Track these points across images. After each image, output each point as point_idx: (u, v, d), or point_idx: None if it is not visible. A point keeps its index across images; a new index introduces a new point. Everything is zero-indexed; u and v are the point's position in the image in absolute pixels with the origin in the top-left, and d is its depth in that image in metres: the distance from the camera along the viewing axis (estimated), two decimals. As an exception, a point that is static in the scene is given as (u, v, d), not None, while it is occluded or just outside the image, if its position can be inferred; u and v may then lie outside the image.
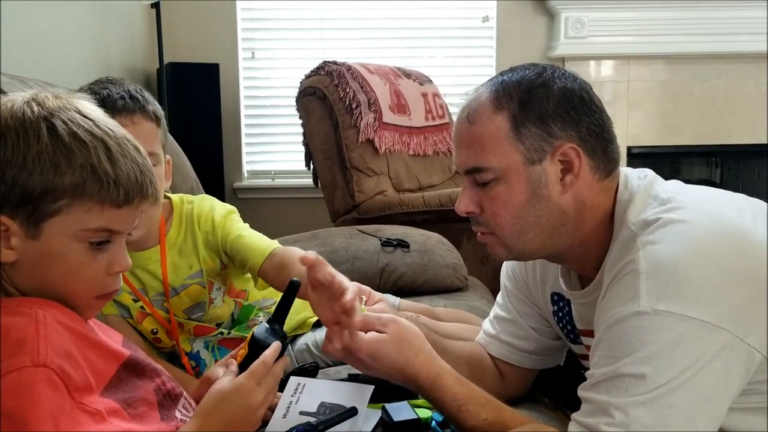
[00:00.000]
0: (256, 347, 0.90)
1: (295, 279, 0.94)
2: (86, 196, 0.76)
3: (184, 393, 0.91)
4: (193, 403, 0.91)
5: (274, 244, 1.29)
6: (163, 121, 1.27)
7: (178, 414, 0.87)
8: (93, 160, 0.76)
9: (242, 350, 0.92)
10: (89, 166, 0.76)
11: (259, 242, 1.28)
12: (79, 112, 0.79)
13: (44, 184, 0.74)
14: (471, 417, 0.96)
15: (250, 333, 0.91)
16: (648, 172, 1.04)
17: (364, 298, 1.10)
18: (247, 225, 1.35)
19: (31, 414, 0.68)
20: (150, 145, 1.14)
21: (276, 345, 0.90)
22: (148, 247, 1.26)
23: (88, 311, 0.83)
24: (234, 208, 1.38)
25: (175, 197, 1.33)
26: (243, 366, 0.88)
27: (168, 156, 1.29)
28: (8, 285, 0.78)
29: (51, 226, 0.76)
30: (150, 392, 0.84)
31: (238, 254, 1.28)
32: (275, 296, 1.46)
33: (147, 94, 1.23)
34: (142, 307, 1.28)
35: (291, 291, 0.94)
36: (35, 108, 0.77)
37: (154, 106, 1.24)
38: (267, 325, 0.93)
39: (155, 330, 1.30)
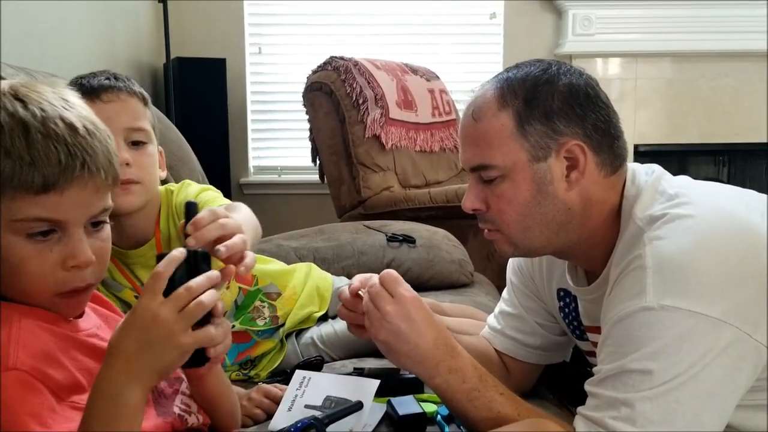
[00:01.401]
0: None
1: (192, 201, 0.83)
2: (3, 182, 0.70)
3: (182, 387, 0.89)
4: (192, 401, 0.90)
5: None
6: (151, 106, 1.27)
7: (176, 409, 0.85)
8: (6, 143, 0.70)
9: None
10: (3, 150, 0.70)
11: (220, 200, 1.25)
12: (15, 96, 0.73)
13: None
14: (490, 388, 0.96)
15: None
16: (656, 168, 1.03)
17: None
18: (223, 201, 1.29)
19: (6, 417, 0.66)
20: (138, 121, 1.18)
21: (213, 275, 0.76)
22: (142, 243, 1.24)
23: (63, 310, 0.78)
24: (211, 187, 1.34)
25: (161, 188, 1.30)
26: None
27: (160, 147, 1.28)
28: None
29: None
30: None
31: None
32: (279, 282, 1.45)
33: (133, 81, 1.25)
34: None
35: (189, 211, 0.81)
36: None
37: (141, 89, 1.25)
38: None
39: None
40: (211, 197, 1.28)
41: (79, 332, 0.78)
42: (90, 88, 1.15)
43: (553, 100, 0.96)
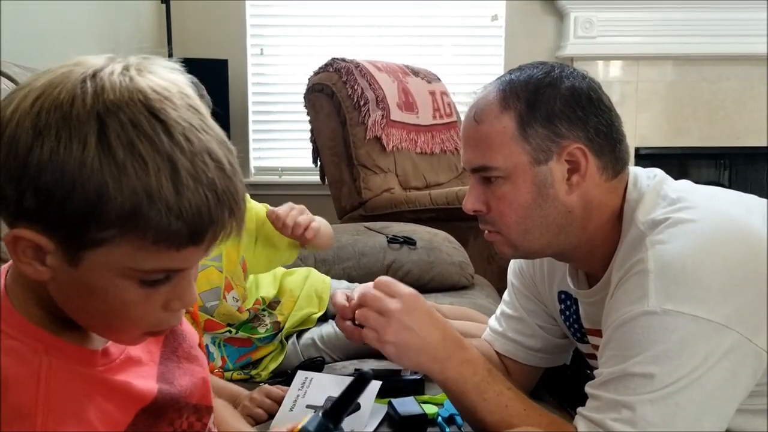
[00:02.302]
0: None
1: (365, 371, 0.75)
2: (139, 230, 0.57)
3: (210, 422, 0.80)
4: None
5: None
6: None
7: None
8: (152, 186, 0.57)
9: None
10: (145, 193, 0.56)
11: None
12: (149, 109, 0.58)
13: (85, 208, 0.56)
14: (499, 381, 0.97)
15: (299, 425, 0.74)
16: (657, 172, 1.04)
17: None
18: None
19: None
20: None
21: None
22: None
23: (129, 342, 0.70)
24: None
25: None
26: None
27: None
28: (44, 292, 0.64)
29: (93, 256, 0.59)
30: None
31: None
32: (278, 287, 1.46)
33: None
34: None
35: (359, 385, 0.75)
36: (89, 97, 0.58)
37: None
38: (321, 419, 0.74)
39: None
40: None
41: (112, 363, 0.68)
42: None
43: (555, 103, 0.96)
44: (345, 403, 0.74)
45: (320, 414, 0.74)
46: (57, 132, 0.57)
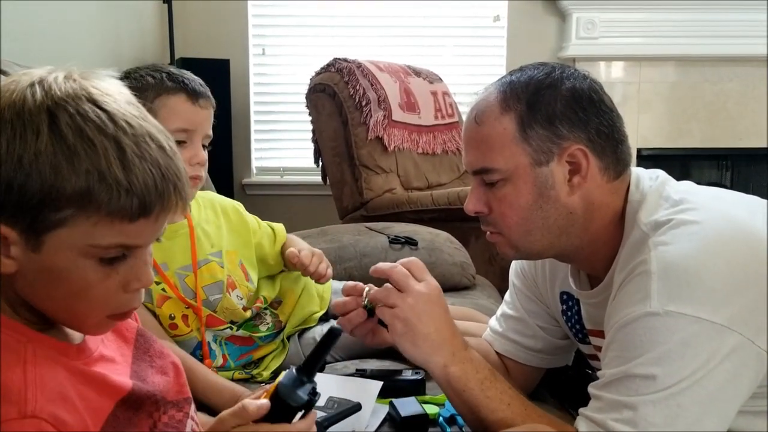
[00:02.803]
0: (280, 403, 0.76)
1: (335, 326, 0.81)
2: (93, 207, 0.64)
3: (191, 411, 0.83)
4: (196, 423, 0.84)
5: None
6: None
7: None
8: (101, 165, 0.63)
9: (267, 393, 0.79)
10: (96, 172, 0.63)
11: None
12: (93, 102, 0.65)
13: (43, 191, 0.62)
14: (501, 381, 0.98)
15: (276, 381, 0.78)
16: (660, 173, 1.03)
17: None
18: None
19: None
20: (209, 129, 1.28)
21: (311, 416, 0.77)
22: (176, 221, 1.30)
23: (97, 330, 0.73)
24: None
25: None
26: (265, 418, 0.76)
27: None
28: (11, 293, 0.68)
29: (53, 238, 0.64)
30: (146, 431, 0.75)
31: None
32: (283, 296, 1.47)
33: None
34: (163, 289, 1.27)
35: (330, 339, 0.80)
36: (38, 94, 0.64)
37: None
38: (295, 374, 0.78)
39: (173, 315, 1.29)
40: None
41: (88, 358, 0.72)
42: (192, 91, 1.23)
43: (556, 104, 0.96)
44: (317, 357, 0.79)
45: (294, 370, 0.79)
46: (12, 126, 0.63)
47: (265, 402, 0.75)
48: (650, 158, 3.66)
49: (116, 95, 0.68)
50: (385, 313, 0.98)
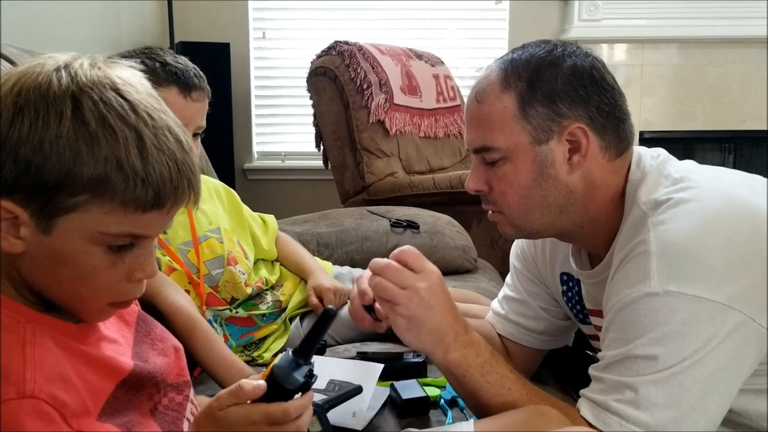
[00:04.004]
0: (275, 385, 0.75)
1: (330, 307, 0.80)
2: (108, 194, 0.64)
3: (191, 394, 0.84)
4: (195, 407, 0.85)
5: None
6: None
7: (185, 425, 0.80)
8: (120, 153, 0.64)
9: (263, 375, 0.78)
10: (115, 160, 0.64)
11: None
12: (116, 91, 0.66)
13: (60, 175, 0.63)
14: (502, 363, 0.96)
15: (271, 363, 0.78)
16: (661, 152, 1.03)
17: None
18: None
19: None
20: (202, 120, 1.26)
21: (307, 397, 0.77)
22: None
23: (97, 316, 0.74)
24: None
25: None
26: (261, 399, 0.76)
27: None
28: (14, 273, 0.69)
29: (65, 222, 0.65)
30: (146, 412, 0.76)
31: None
32: (284, 280, 1.48)
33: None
34: (169, 261, 1.27)
35: (325, 320, 0.79)
36: (64, 79, 0.65)
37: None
38: (291, 357, 0.78)
39: None
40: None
41: (89, 338, 0.73)
42: (185, 84, 1.22)
43: (556, 83, 0.95)
44: (313, 340, 0.79)
45: (290, 352, 0.78)
46: (36, 108, 0.64)
47: (261, 383, 0.75)
48: (653, 141, 3.64)
49: (138, 86, 0.69)
50: (386, 309, 0.95)
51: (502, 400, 0.93)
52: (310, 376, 0.78)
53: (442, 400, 1.10)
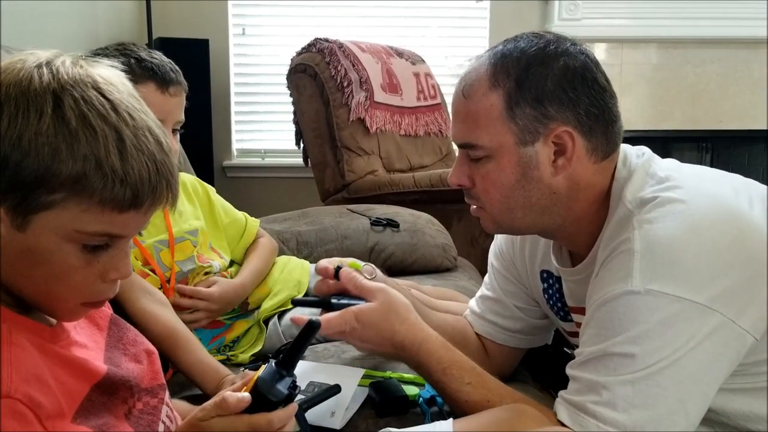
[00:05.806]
0: (260, 397, 0.76)
1: (313, 319, 0.81)
2: (86, 193, 0.64)
3: (166, 397, 0.84)
4: (171, 409, 0.85)
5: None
6: None
7: (161, 427, 0.80)
8: (100, 152, 0.63)
9: (247, 387, 0.78)
10: (94, 159, 0.63)
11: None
12: (98, 90, 0.66)
13: (39, 172, 0.62)
14: (455, 380, 0.98)
15: (255, 375, 0.78)
16: (645, 150, 1.03)
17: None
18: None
19: None
20: (181, 114, 1.26)
21: (290, 408, 0.78)
22: None
23: (70, 316, 0.74)
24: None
25: None
26: (246, 411, 0.76)
27: None
28: None
29: (41, 220, 0.64)
30: (121, 416, 0.75)
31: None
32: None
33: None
34: (141, 267, 1.25)
35: (308, 332, 0.80)
36: (46, 76, 0.65)
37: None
38: (275, 368, 0.78)
39: None
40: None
41: (61, 341, 0.72)
42: (162, 79, 1.21)
43: (546, 83, 0.93)
44: (296, 351, 0.80)
45: (273, 363, 0.79)
46: (16, 104, 0.63)
47: (246, 395, 0.76)
48: (631, 140, 3.53)
49: (120, 86, 0.69)
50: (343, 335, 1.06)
51: (461, 414, 0.96)
52: (294, 388, 0.78)
53: (420, 399, 1.09)
